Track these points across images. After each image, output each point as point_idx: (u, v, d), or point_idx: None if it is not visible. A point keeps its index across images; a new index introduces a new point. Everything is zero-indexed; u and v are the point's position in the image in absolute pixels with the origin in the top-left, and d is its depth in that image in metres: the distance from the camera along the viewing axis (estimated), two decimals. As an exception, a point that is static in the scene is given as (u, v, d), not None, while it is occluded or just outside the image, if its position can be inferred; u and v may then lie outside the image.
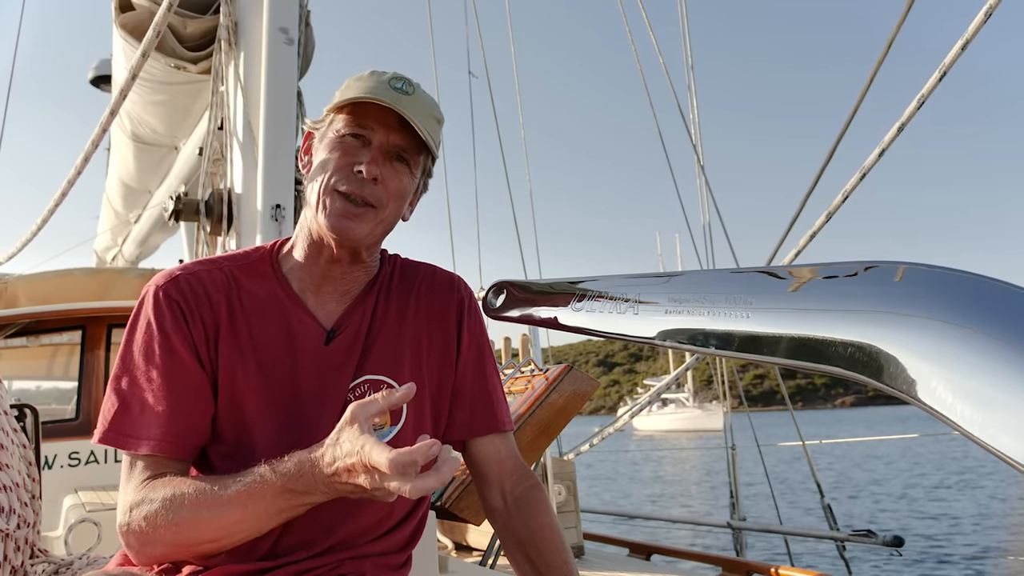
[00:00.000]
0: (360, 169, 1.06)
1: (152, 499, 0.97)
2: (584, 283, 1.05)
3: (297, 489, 0.92)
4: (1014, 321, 0.44)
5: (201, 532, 0.95)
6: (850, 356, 0.53)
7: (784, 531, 4.94)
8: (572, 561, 1.15)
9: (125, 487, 1.02)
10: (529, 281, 1.19)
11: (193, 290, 1.08)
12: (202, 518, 0.94)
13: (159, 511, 0.96)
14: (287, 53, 3.34)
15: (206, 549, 0.98)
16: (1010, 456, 0.41)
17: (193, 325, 1.06)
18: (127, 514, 0.99)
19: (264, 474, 0.93)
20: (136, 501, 0.99)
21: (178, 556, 1.01)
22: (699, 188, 5.73)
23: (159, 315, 1.06)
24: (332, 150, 1.08)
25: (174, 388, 1.04)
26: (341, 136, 1.08)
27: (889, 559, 7.98)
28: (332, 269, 1.13)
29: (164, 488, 0.98)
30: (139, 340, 1.06)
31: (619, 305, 0.94)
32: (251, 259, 1.15)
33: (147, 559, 1.01)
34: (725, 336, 0.68)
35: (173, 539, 0.96)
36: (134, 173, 5.70)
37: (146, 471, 1.02)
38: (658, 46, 5.55)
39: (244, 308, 1.09)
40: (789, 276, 0.64)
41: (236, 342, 1.08)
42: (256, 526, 0.96)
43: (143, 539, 0.98)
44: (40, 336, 3.96)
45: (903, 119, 3.22)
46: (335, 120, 1.10)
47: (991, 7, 2.68)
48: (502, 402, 1.24)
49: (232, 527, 0.95)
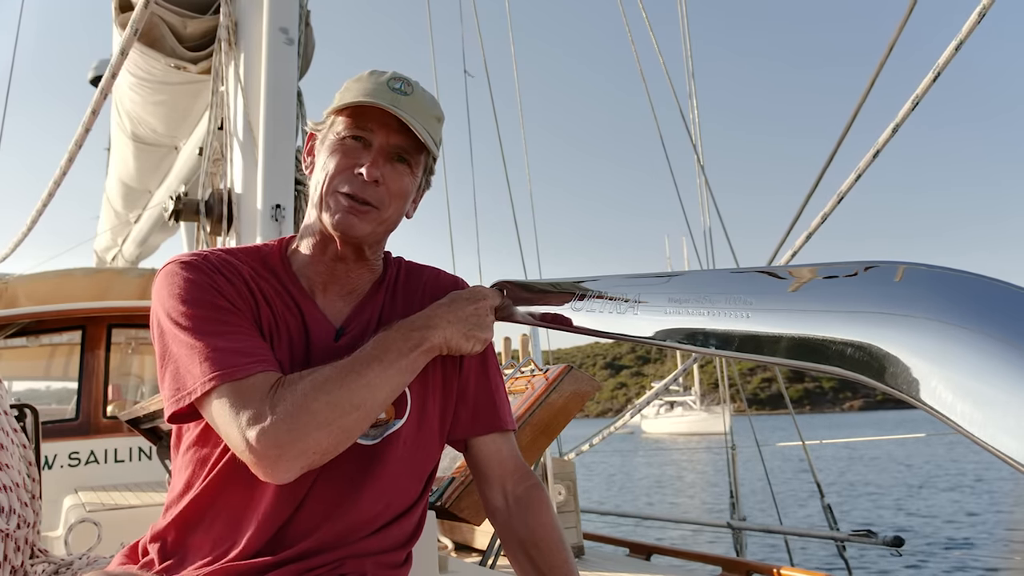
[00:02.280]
0: (361, 171, 1.07)
1: (292, 391, 0.95)
2: (584, 283, 1.05)
3: (416, 325, 1.05)
4: (1014, 321, 0.44)
5: (352, 395, 0.96)
6: (850, 356, 0.54)
7: (784, 531, 4.94)
8: (572, 561, 1.15)
9: (240, 410, 0.94)
10: (529, 281, 1.20)
11: (222, 264, 1.09)
12: (350, 381, 0.97)
13: (305, 392, 0.95)
14: (287, 53, 3.34)
15: (354, 420, 0.97)
16: (1010, 456, 0.41)
17: (230, 288, 1.05)
18: (258, 422, 0.92)
19: (386, 333, 1.04)
20: (269, 405, 0.94)
21: (323, 440, 0.95)
22: (699, 188, 5.73)
23: (197, 272, 1.04)
24: (333, 152, 1.09)
25: (240, 320, 1.03)
26: (342, 139, 1.09)
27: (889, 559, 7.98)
28: (337, 267, 1.14)
29: (299, 380, 0.96)
30: (181, 297, 1.02)
31: (619, 305, 0.95)
32: (262, 253, 1.16)
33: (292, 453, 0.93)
34: (725, 336, 0.68)
35: (327, 413, 0.94)
36: (134, 173, 5.70)
37: (261, 384, 0.96)
38: (658, 46, 5.55)
39: (264, 296, 1.10)
40: (789, 276, 0.64)
41: (272, 316, 1.09)
42: (394, 383, 1.01)
43: (294, 431, 0.92)
44: (40, 336, 3.96)
45: (897, 120, 3.23)
46: (335, 122, 1.11)
47: (984, 7, 2.68)
48: (505, 402, 1.25)
49: (376, 386, 0.99)
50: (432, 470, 1.22)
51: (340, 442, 0.97)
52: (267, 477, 0.94)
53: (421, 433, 1.16)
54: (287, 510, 1.05)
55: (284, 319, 1.09)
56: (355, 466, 1.08)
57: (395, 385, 1.02)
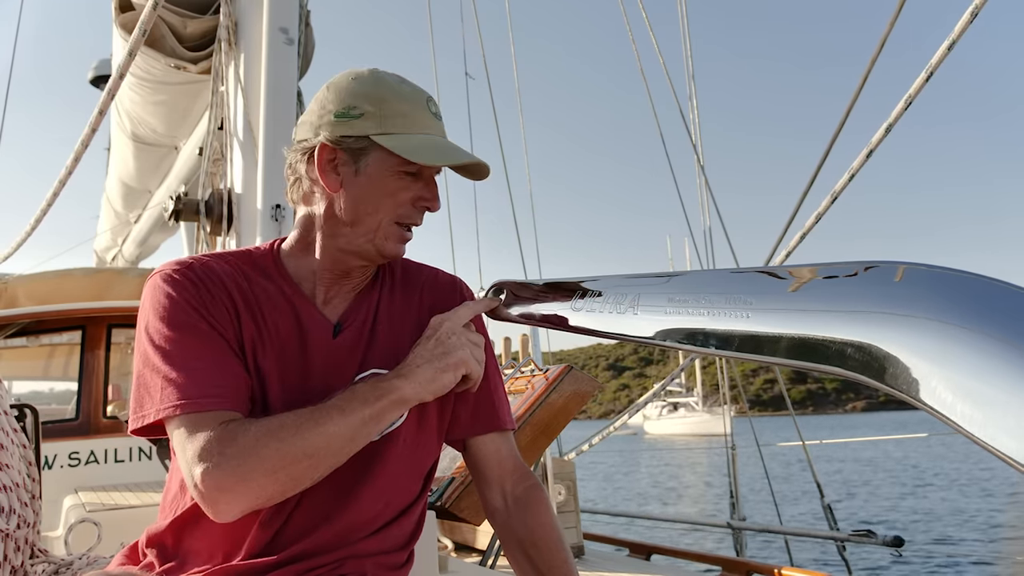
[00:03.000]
0: (427, 205, 1.12)
1: (245, 433, 0.94)
2: (584, 283, 1.05)
3: (388, 376, 1.01)
4: (1014, 321, 0.44)
5: (305, 444, 0.94)
6: (850, 356, 0.53)
7: (784, 531, 4.94)
8: (572, 561, 1.15)
9: (190, 445, 0.94)
10: (529, 281, 1.19)
11: (207, 274, 1.08)
12: (305, 429, 0.94)
13: (258, 436, 0.93)
14: (287, 53, 3.34)
15: (303, 469, 0.95)
16: (1010, 456, 0.41)
17: (212, 304, 1.05)
18: (205, 461, 0.92)
19: (354, 385, 1.01)
20: (217, 443, 0.93)
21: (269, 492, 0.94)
22: (699, 189, 5.74)
23: (179, 289, 1.05)
24: (393, 183, 1.09)
25: (215, 348, 1.02)
26: (400, 173, 1.08)
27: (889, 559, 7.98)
28: (347, 275, 1.15)
29: (255, 422, 0.96)
30: (160, 315, 1.03)
31: (619, 305, 0.94)
32: (253, 257, 1.16)
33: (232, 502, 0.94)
34: (725, 336, 0.68)
35: (276, 460, 0.92)
36: (134, 173, 5.70)
37: (216, 421, 0.96)
38: (658, 47, 5.55)
39: (257, 298, 1.10)
40: (789, 276, 0.63)
41: (256, 327, 1.08)
42: (353, 433, 0.97)
43: (237, 473, 0.92)
44: (40, 336, 3.97)
45: (890, 120, 3.23)
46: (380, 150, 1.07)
47: (977, 7, 2.68)
48: (504, 402, 1.25)
49: (333, 435, 0.96)
50: (431, 469, 1.22)
51: (287, 490, 0.96)
52: (210, 515, 0.95)
53: (420, 432, 1.15)
54: (285, 511, 1.04)
55: (274, 323, 1.08)
56: (354, 465, 1.08)
57: (355, 436, 0.98)
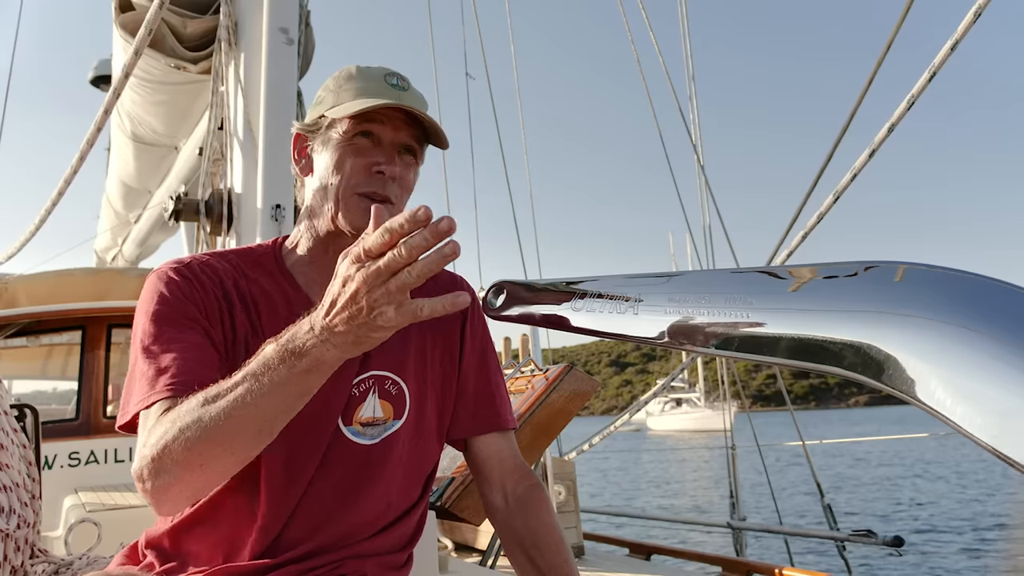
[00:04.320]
0: (381, 170, 1.07)
1: (161, 424, 0.89)
2: (584, 283, 1.05)
3: (296, 348, 0.82)
4: (1014, 321, 0.44)
5: (212, 432, 0.84)
6: (850, 356, 0.53)
7: (784, 531, 4.94)
8: (572, 561, 1.15)
9: (142, 433, 0.93)
10: (529, 281, 1.19)
11: (204, 272, 1.08)
12: (209, 415, 0.85)
13: (168, 429, 0.87)
14: (287, 53, 3.34)
15: (219, 460, 0.87)
16: (1010, 456, 0.41)
17: (205, 299, 1.05)
18: (139, 459, 0.90)
19: (264, 349, 0.86)
20: (146, 440, 0.90)
21: (193, 483, 0.90)
22: (699, 188, 5.74)
23: (171, 286, 1.05)
24: (344, 152, 1.08)
25: (194, 342, 1.01)
26: (351, 137, 1.08)
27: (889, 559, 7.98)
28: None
29: (172, 411, 0.90)
30: (149, 312, 1.03)
31: (619, 305, 0.94)
32: (255, 254, 1.16)
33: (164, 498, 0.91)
34: (725, 336, 0.68)
35: (184, 456, 0.86)
36: (134, 173, 5.70)
37: (157, 413, 0.93)
38: (658, 47, 5.54)
39: (254, 297, 1.10)
40: (789, 276, 0.63)
41: (250, 324, 1.08)
42: (265, 414, 0.85)
43: (157, 469, 0.88)
44: (40, 336, 3.96)
45: (893, 119, 3.22)
46: (337, 122, 1.09)
47: (980, 7, 2.68)
48: (505, 401, 1.25)
49: (242, 419, 0.84)
50: (432, 470, 1.21)
51: (213, 480, 0.92)
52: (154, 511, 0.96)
53: (419, 434, 1.15)
54: (285, 512, 1.04)
55: (270, 321, 1.08)
56: (355, 467, 1.08)
57: (264, 424, 0.86)
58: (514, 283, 1.20)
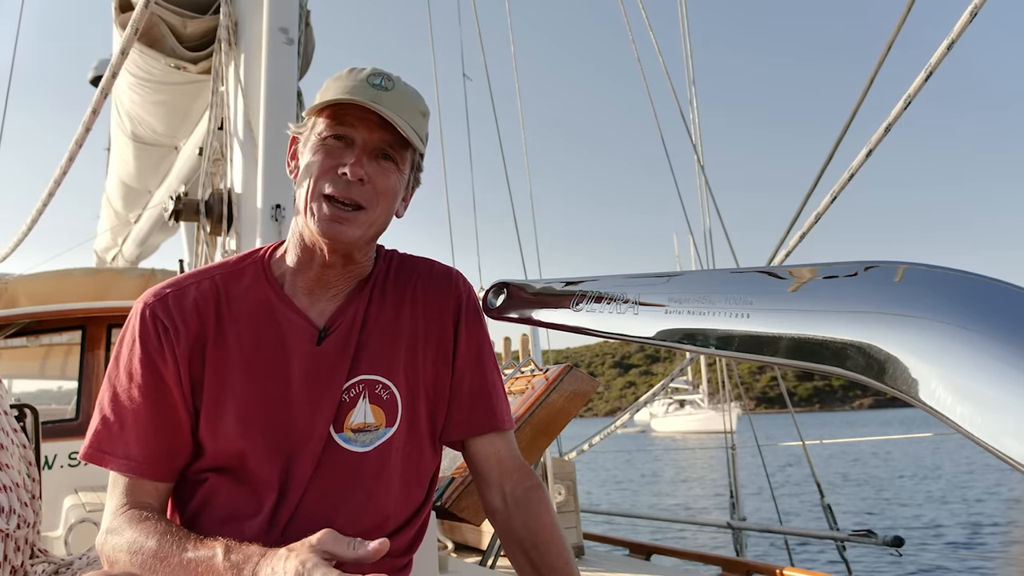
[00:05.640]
0: (344, 171, 1.04)
1: (121, 534, 1.00)
2: (584, 283, 1.05)
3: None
4: (1014, 321, 0.44)
5: None
6: (850, 356, 0.53)
7: (784, 531, 4.93)
8: (572, 561, 1.15)
9: (108, 502, 1.06)
10: (529, 281, 1.19)
11: (180, 306, 1.08)
12: (154, 572, 0.96)
13: (123, 551, 0.98)
14: (287, 53, 3.34)
15: None
16: (1010, 456, 0.41)
17: (178, 344, 1.06)
18: (103, 535, 1.02)
19: (216, 554, 0.91)
20: (110, 528, 1.02)
21: None
22: (699, 189, 5.73)
23: (144, 335, 1.07)
24: (315, 153, 1.06)
25: (154, 409, 1.05)
26: (323, 139, 1.06)
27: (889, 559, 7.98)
28: (326, 273, 1.12)
29: (133, 529, 0.99)
30: (124, 357, 1.07)
31: (619, 305, 0.94)
32: (242, 264, 1.15)
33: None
34: (725, 336, 0.68)
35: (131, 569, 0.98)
36: (134, 173, 5.70)
37: (125, 494, 1.04)
38: (658, 47, 5.54)
39: (234, 315, 1.09)
40: (789, 276, 0.63)
41: (225, 352, 1.07)
42: None
43: (110, 564, 1.01)
44: (40, 336, 3.96)
45: (890, 119, 3.22)
46: (316, 123, 1.08)
47: (976, 7, 2.67)
48: (502, 400, 1.22)
49: None
50: (433, 474, 1.20)
51: None
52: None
53: (413, 439, 1.13)
54: (281, 521, 1.04)
55: (252, 334, 1.08)
56: (348, 476, 1.07)
57: None
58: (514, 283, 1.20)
